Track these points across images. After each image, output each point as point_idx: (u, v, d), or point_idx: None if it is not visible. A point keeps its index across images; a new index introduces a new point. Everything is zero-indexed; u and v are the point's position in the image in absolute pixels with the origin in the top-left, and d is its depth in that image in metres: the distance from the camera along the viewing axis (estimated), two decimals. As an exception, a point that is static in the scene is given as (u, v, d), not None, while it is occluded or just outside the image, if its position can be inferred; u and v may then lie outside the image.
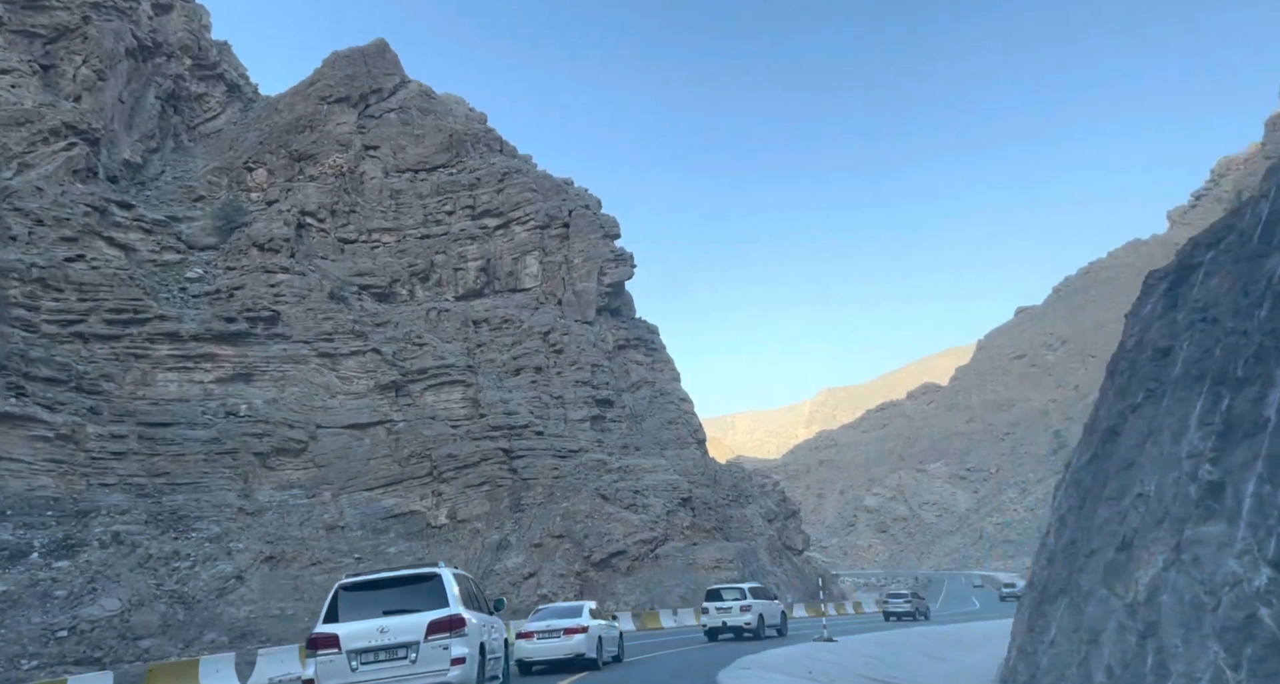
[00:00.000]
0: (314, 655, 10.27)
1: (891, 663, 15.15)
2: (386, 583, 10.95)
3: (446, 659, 10.18)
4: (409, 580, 10.94)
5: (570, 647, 17.35)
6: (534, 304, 63.76)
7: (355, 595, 10.72)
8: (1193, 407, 5.62)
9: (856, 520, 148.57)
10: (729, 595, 26.14)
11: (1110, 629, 5.48)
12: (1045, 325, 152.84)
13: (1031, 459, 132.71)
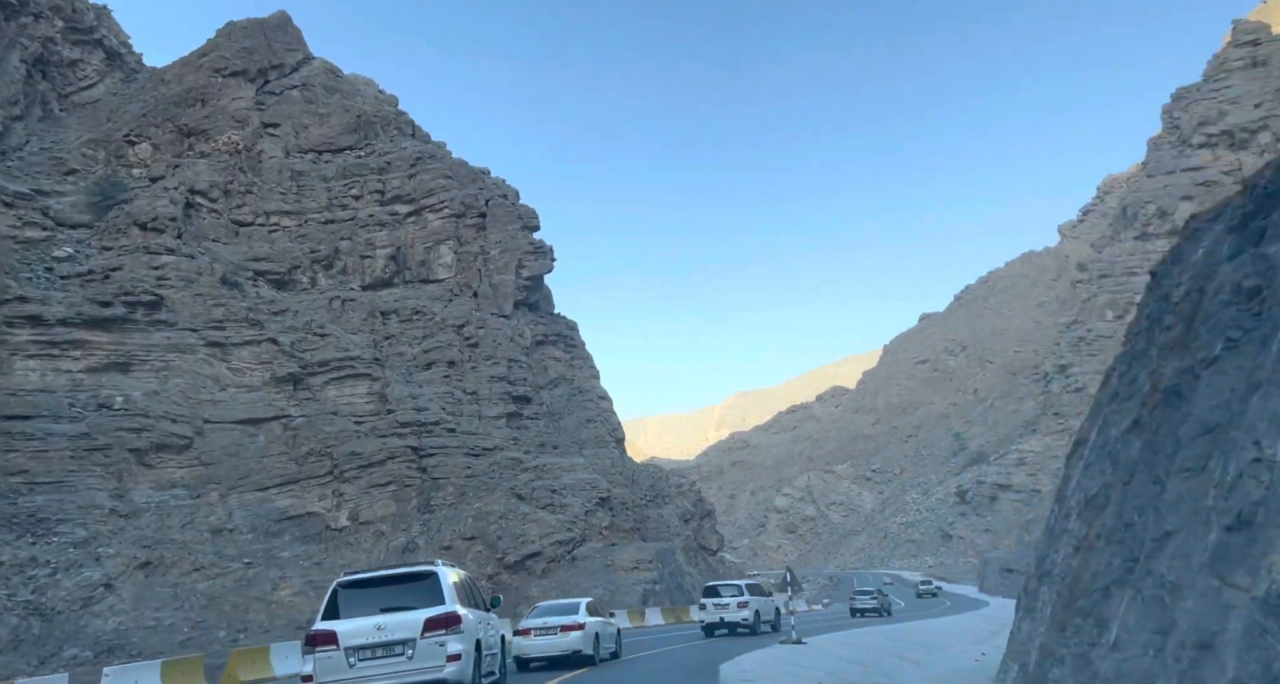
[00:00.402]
0: (312, 652, 10.35)
1: (872, 666, 14.08)
2: (383, 581, 11.05)
3: (443, 655, 10.31)
4: (406, 578, 11.06)
5: (567, 643, 17.38)
6: (448, 296, 60.90)
7: (353, 593, 10.81)
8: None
9: (767, 521, 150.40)
10: (726, 592, 26.45)
11: (1235, 631, 4.20)
12: (947, 331, 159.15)
13: (933, 461, 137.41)
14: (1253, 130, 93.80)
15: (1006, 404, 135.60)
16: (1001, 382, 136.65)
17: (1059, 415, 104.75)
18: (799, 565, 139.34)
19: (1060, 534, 7.84)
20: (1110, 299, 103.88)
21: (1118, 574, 6.10)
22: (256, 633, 33.14)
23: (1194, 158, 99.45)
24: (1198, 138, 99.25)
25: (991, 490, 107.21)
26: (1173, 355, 6.69)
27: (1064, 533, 7.74)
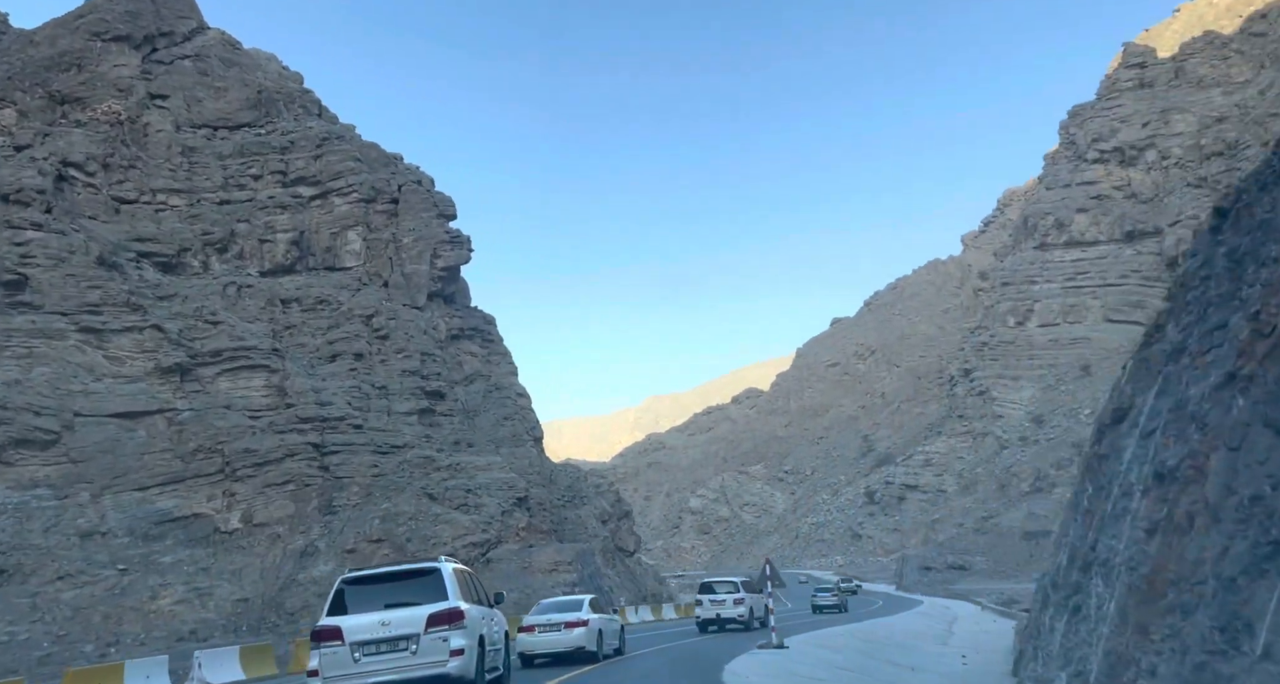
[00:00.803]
0: (318, 647, 10.51)
1: (869, 673, 12.90)
2: (387, 577, 11.24)
3: (446, 651, 10.43)
4: (409, 575, 11.22)
5: (571, 640, 17.47)
6: (355, 285, 57.42)
7: (357, 589, 10.98)
8: None
9: (681, 522, 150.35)
10: (721, 589, 27.19)
11: None
12: (857, 336, 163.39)
13: (843, 462, 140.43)
14: (1140, 148, 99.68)
15: (912, 407, 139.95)
16: (908, 385, 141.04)
17: (963, 417, 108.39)
18: (713, 566, 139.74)
19: (1120, 516, 6.52)
20: (1012, 306, 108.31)
21: (1248, 561, 4.79)
22: (130, 646, 29.64)
23: (1088, 172, 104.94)
24: (1092, 153, 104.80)
25: (899, 491, 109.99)
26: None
27: (1125, 514, 6.44)
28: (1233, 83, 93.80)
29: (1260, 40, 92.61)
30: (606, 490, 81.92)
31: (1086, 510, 7.05)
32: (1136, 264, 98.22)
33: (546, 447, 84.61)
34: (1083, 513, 7.14)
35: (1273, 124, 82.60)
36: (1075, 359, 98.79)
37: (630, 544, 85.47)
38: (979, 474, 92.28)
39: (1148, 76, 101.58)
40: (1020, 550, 43.35)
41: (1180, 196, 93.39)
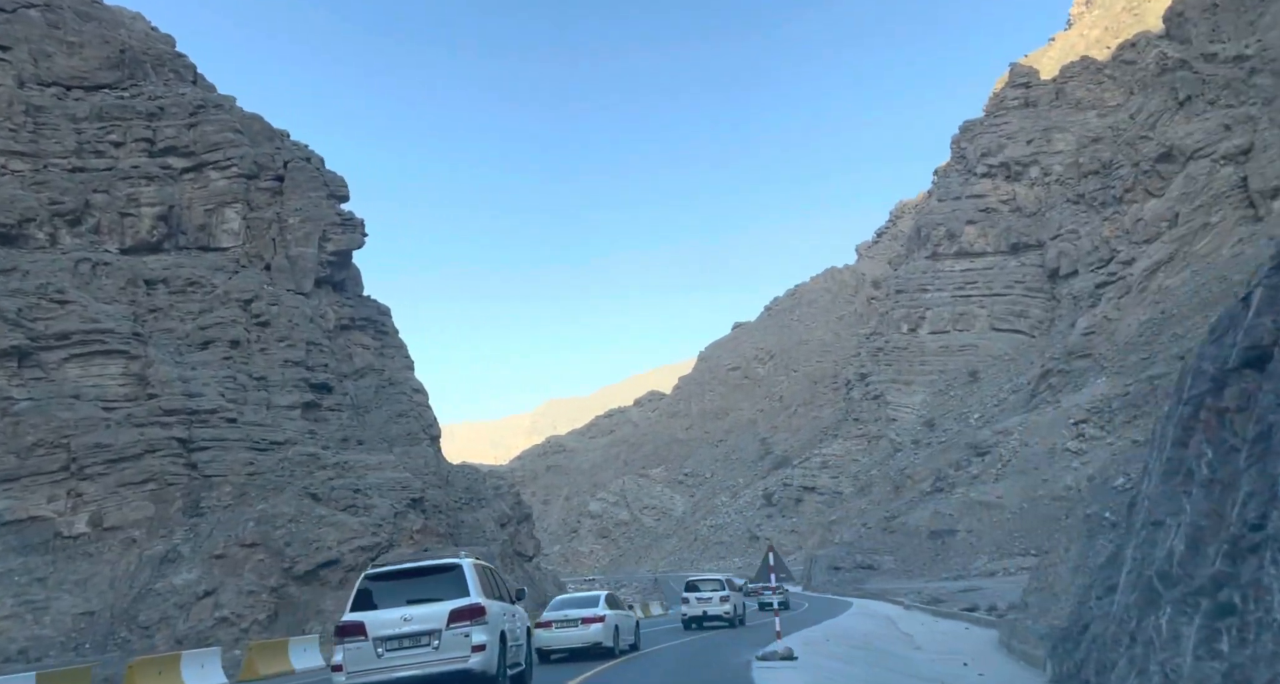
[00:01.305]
0: (341, 643, 10.64)
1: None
2: (410, 573, 11.34)
3: (468, 646, 10.52)
4: (431, 571, 11.34)
5: (588, 636, 17.66)
6: (233, 266, 52.42)
7: (380, 585, 11.08)
8: None
9: (580, 526, 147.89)
10: (706, 587, 28.14)
11: None
12: (757, 340, 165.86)
13: (741, 465, 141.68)
14: (1025, 164, 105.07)
15: (809, 411, 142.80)
16: (805, 389, 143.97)
17: (859, 421, 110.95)
18: (612, 570, 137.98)
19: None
20: (905, 313, 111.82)
21: None
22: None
23: (977, 186, 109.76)
24: (981, 168, 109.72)
25: (797, 493, 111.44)
26: None
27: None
28: (1106, 106, 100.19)
29: (1130, 67, 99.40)
30: (506, 493, 78.71)
31: (1209, 480, 5.40)
32: (1020, 275, 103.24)
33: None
34: (1203, 483, 5.46)
35: (1141, 146, 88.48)
36: (964, 365, 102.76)
37: (530, 548, 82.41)
38: (874, 476, 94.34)
39: (1032, 96, 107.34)
40: (926, 549, 43.48)
41: (1060, 212, 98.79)
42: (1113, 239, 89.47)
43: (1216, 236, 76.12)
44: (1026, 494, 44.23)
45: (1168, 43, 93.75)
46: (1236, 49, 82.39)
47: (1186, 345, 54.35)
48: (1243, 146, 77.60)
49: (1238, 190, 76.87)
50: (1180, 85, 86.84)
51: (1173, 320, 65.57)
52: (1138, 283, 77.63)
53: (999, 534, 42.25)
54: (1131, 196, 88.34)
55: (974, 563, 40.62)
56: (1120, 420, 48.72)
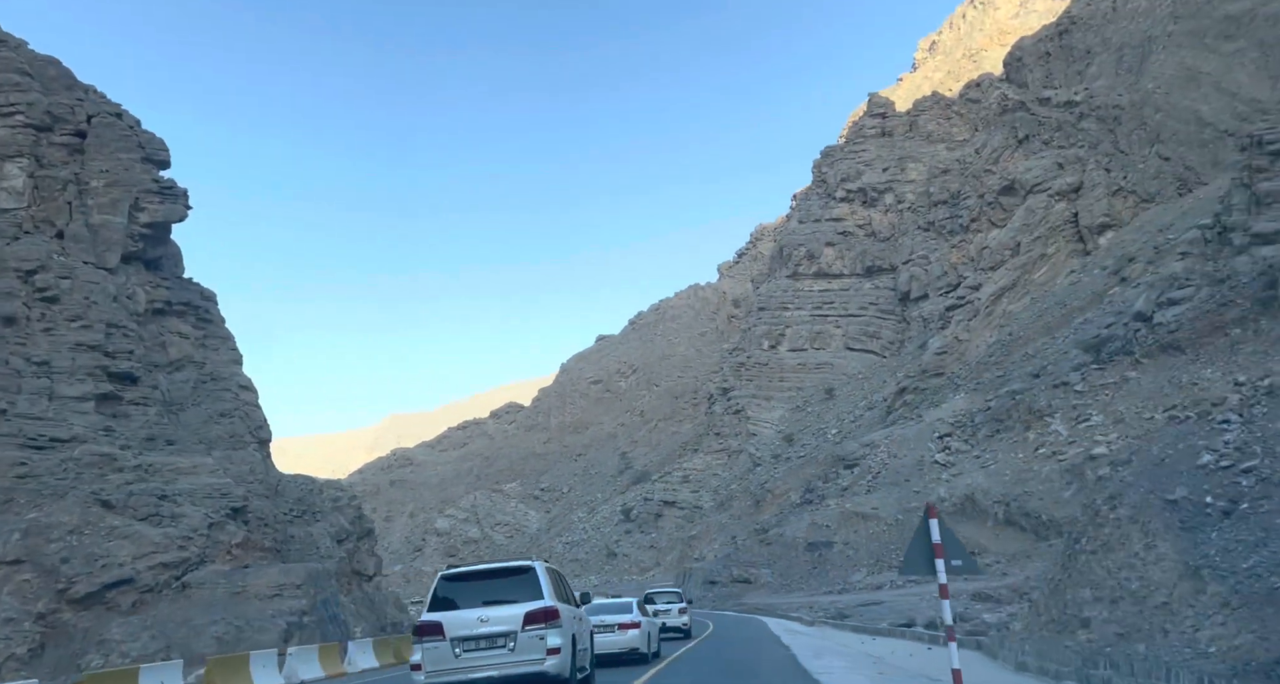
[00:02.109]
0: (420, 642, 10.95)
1: None
2: (484, 574, 11.61)
3: (543, 649, 10.67)
4: (505, 573, 11.49)
5: (626, 641, 17.85)
6: (13, 231, 43.62)
7: (455, 586, 11.40)
8: None
9: (425, 544, 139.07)
10: (662, 599, 28.76)
11: None
12: (620, 354, 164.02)
13: (600, 479, 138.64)
14: (880, 191, 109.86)
15: (669, 425, 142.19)
16: (665, 404, 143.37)
17: (720, 435, 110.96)
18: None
19: None
20: (767, 329, 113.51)
21: None
22: None
23: (836, 209, 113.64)
24: (840, 192, 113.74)
25: (657, 507, 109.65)
26: None
27: None
28: (954, 140, 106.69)
29: (975, 105, 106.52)
30: (346, 506, 71.36)
31: None
32: (874, 297, 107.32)
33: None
34: None
35: (986, 179, 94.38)
36: (820, 382, 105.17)
37: (370, 567, 75.22)
38: (735, 490, 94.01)
39: (888, 126, 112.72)
40: (804, 562, 41.93)
41: (912, 237, 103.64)
42: (960, 265, 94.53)
43: (1052, 266, 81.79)
44: (900, 506, 43.71)
45: (1008, 85, 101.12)
46: (1067, 95, 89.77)
47: (1039, 364, 56.84)
48: (1074, 184, 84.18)
49: (1070, 225, 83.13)
50: (1019, 125, 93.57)
51: (1019, 342, 69.04)
52: (984, 307, 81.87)
53: (875, 546, 41.31)
54: (977, 226, 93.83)
55: (852, 575, 39.34)
56: (984, 434, 49.68)
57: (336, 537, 68.57)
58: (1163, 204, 76.17)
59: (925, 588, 29.12)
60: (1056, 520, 34.79)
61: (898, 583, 32.90)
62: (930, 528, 10.24)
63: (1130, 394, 39.85)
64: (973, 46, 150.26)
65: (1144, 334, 42.65)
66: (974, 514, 40.21)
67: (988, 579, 28.98)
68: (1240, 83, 71.02)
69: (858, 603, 26.18)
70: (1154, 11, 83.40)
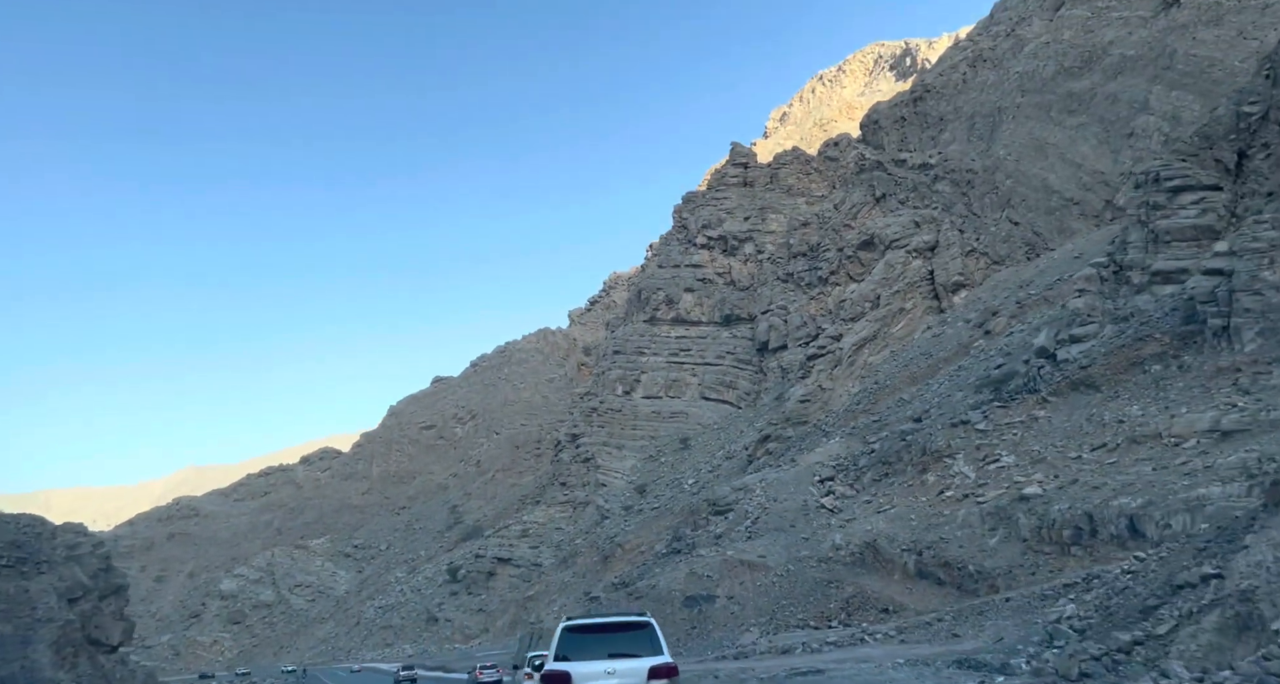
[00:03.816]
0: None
1: None
2: (605, 628, 11.77)
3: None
4: (626, 627, 11.71)
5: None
6: None
7: (579, 637, 11.55)
8: None
9: (204, 610, 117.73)
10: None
11: None
12: (459, 398, 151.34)
13: (425, 535, 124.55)
14: (742, 239, 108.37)
15: (508, 477, 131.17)
16: (505, 454, 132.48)
17: (566, 485, 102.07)
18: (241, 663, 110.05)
19: None
20: (621, 374, 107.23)
21: None
22: None
23: (696, 256, 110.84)
24: (700, 238, 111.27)
25: (490, 565, 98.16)
26: None
27: None
28: (814, 195, 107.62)
29: (834, 163, 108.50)
30: (88, 556, 55.93)
31: None
32: (731, 346, 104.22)
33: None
34: None
35: (845, 233, 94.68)
36: (675, 431, 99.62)
37: (115, 635, 59.17)
38: (579, 545, 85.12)
39: (750, 176, 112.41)
40: (682, 620, 34.22)
41: (771, 288, 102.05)
42: (819, 317, 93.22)
43: (910, 321, 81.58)
44: (790, 554, 37.31)
45: (864, 146, 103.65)
46: (922, 158, 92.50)
47: (918, 408, 53.57)
48: (930, 243, 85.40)
49: (926, 282, 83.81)
50: (876, 183, 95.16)
51: (886, 390, 66.52)
52: (846, 356, 79.91)
53: (765, 601, 34.39)
54: (836, 279, 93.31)
55: (742, 637, 31.93)
56: (870, 478, 44.94)
57: (68, 594, 53.08)
58: (1012, 266, 78.18)
59: (869, 650, 22.28)
60: (987, 571, 29.43)
61: (814, 646, 25.86)
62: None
63: (1042, 433, 36.08)
64: (822, 118, 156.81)
65: (1049, 371, 39.56)
66: (878, 564, 34.41)
67: (936, 643, 22.53)
68: (1084, 155, 74.68)
69: (786, 674, 18.85)
70: (1003, 84, 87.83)
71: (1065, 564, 26.64)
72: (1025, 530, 29.43)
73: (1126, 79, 72.88)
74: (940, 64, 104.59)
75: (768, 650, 27.71)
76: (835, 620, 31.40)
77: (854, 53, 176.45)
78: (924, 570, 32.39)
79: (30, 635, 44.81)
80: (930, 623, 24.82)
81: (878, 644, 24.30)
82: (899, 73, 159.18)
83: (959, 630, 23.40)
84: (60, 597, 50.66)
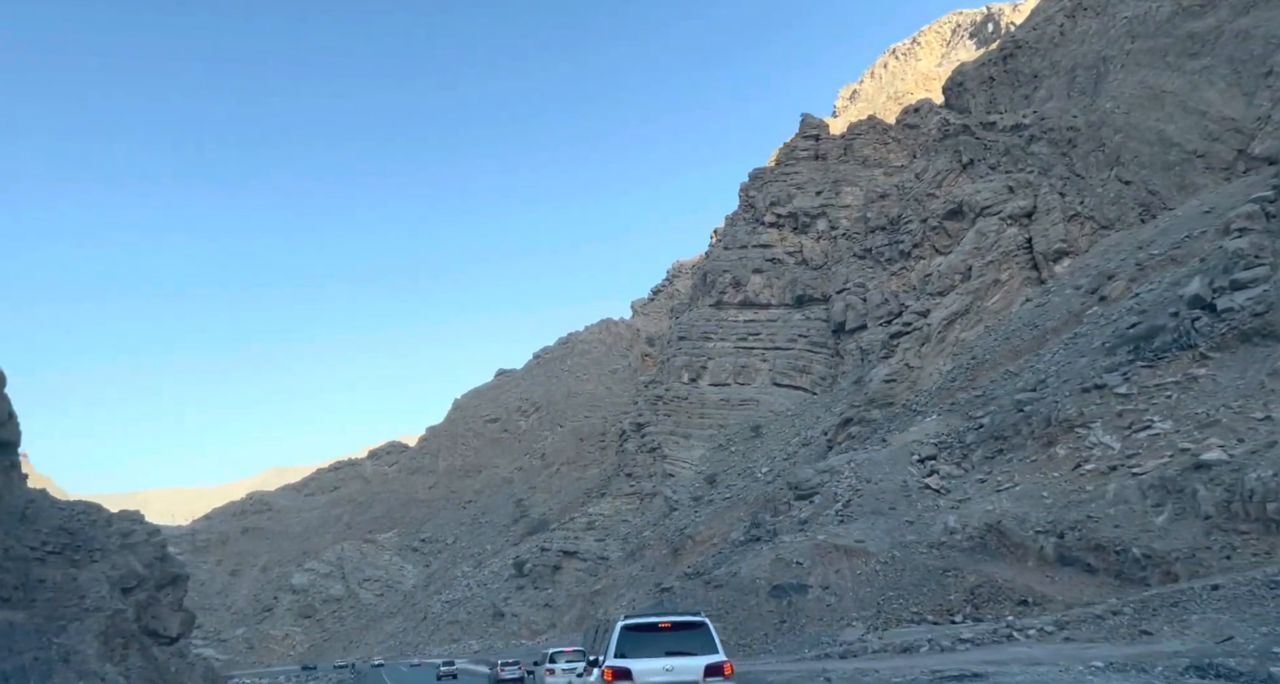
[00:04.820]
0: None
1: None
2: (661, 627, 12.04)
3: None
4: (681, 626, 12.01)
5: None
6: None
7: (637, 636, 11.94)
8: None
9: (276, 604, 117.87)
10: (562, 659, 27.61)
11: None
12: (522, 390, 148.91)
13: (491, 529, 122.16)
14: (814, 216, 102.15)
15: (572, 470, 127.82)
16: (570, 447, 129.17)
17: (632, 476, 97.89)
18: (310, 658, 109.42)
19: None
20: (687, 361, 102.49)
21: None
22: None
23: (764, 235, 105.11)
24: (769, 217, 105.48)
25: (555, 559, 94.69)
26: None
27: None
28: (892, 166, 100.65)
29: (913, 131, 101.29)
30: (142, 544, 54.21)
31: None
32: (804, 328, 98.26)
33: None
34: None
35: (929, 203, 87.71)
36: (744, 419, 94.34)
37: (173, 626, 57.39)
38: (647, 537, 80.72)
39: (822, 149, 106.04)
40: (768, 614, 29.31)
41: (847, 266, 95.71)
42: (901, 293, 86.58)
43: (1007, 292, 74.40)
44: (893, 539, 31.92)
45: (948, 111, 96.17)
46: (1014, 118, 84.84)
47: (1026, 380, 47.30)
48: (1026, 209, 77.91)
49: (1023, 250, 76.41)
50: (963, 148, 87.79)
51: (986, 365, 60.02)
52: (936, 332, 73.29)
53: (867, 592, 29.13)
54: (919, 252, 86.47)
55: (843, 632, 26.83)
56: (981, 455, 39.13)
57: (121, 583, 51.21)
58: (1124, 229, 70.27)
59: (1024, 649, 17.07)
60: (1158, 555, 23.66)
61: (946, 644, 20.69)
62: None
63: (1207, 393, 29.84)
64: (896, 92, 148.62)
65: (1207, 324, 33.13)
66: (1005, 549, 28.83)
67: (1120, 642, 17.17)
68: (1210, 101, 66.28)
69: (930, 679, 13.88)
70: (1108, 32, 79.56)
71: (1276, 545, 20.72)
72: (1208, 505, 23.52)
73: (1261, 12, 64.27)
74: (1033, 18, 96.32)
75: (882, 649, 22.57)
76: (960, 614, 26.03)
77: (929, 23, 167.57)
78: (1067, 555, 26.71)
79: (77, 625, 42.87)
80: (1102, 617, 19.33)
81: (1033, 642, 19.01)
82: (980, 40, 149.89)
83: (1149, 626, 17.89)
84: (113, 586, 48.80)
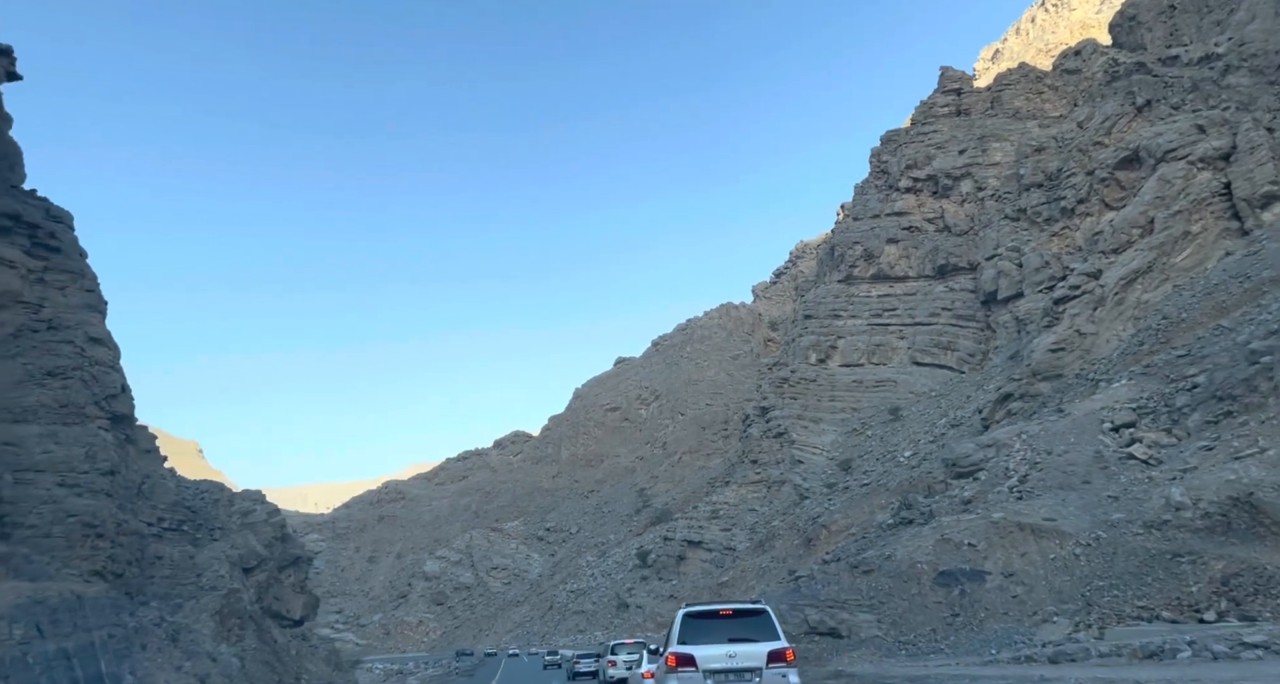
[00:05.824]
0: (674, 671, 11.80)
1: None
2: (723, 613, 12.33)
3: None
4: (744, 613, 12.25)
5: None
6: None
7: (699, 623, 12.17)
8: None
9: (410, 590, 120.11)
10: (622, 650, 29.35)
11: None
12: (641, 379, 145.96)
13: (614, 518, 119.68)
14: (956, 177, 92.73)
15: (694, 460, 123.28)
16: (691, 435, 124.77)
17: (757, 463, 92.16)
18: (442, 647, 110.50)
19: None
20: (815, 341, 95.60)
21: None
22: None
23: (900, 202, 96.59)
24: (905, 182, 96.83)
25: (679, 548, 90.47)
26: None
27: None
28: (1048, 116, 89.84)
29: (1074, 77, 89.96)
30: (262, 523, 53.98)
31: None
32: (948, 301, 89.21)
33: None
34: None
35: (1096, 152, 76.94)
36: (880, 402, 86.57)
37: (295, 608, 57.02)
38: (776, 527, 74.93)
39: (964, 104, 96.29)
40: (934, 606, 23.48)
41: (997, 229, 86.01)
42: (1064, 255, 76.44)
43: (1200, 246, 63.43)
44: (1092, 516, 25.21)
45: (1116, 51, 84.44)
46: (1204, 49, 72.79)
47: (1247, 334, 38.41)
48: (1222, 150, 66.29)
49: (1219, 197, 65.00)
50: (1138, 89, 76.31)
51: (1183, 326, 50.52)
52: (1112, 294, 63.41)
53: (1066, 580, 22.79)
54: (1085, 208, 75.97)
55: (1040, 629, 20.66)
56: (1201, 418, 31.28)
57: (242, 563, 50.83)
58: (1350, 160, 58.06)
59: None
60: None
61: (1215, 646, 14.45)
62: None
63: None
64: (1047, 45, 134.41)
65: None
66: (1262, 528, 21.69)
67: None
68: None
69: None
70: (1321, -69, 66.54)
71: None
72: None
73: None
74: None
75: (1111, 652, 16.42)
76: (1212, 610, 19.34)
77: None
78: (1367, 536, 19.38)
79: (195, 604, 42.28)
80: None
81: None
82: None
83: None
84: (233, 565, 48.35)
